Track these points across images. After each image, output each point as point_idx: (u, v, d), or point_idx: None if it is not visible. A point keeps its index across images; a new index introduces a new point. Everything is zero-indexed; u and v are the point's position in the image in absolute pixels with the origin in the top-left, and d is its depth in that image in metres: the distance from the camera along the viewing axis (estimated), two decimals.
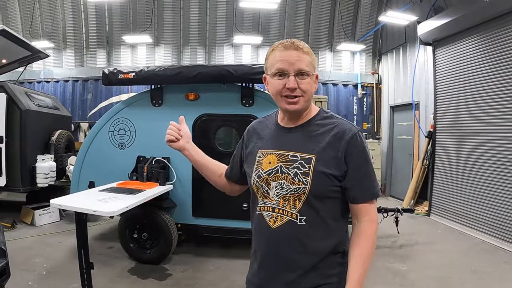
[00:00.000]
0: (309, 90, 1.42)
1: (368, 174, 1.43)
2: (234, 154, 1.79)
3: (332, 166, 1.38)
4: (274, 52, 1.44)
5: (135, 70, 4.79)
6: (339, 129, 1.43)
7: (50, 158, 6.31)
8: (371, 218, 1.42)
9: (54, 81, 11.09)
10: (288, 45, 1.41)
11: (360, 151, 1.41)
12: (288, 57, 1.39)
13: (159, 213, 4.47)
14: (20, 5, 10.88)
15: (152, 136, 4.82)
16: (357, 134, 1.42)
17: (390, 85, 10.47)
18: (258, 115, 4.54)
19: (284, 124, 1.53)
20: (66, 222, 6.21)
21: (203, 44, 11.31)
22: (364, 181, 1.41)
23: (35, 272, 4.11)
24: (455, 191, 6.60)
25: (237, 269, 4.41)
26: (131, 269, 4.36)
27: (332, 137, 1.42)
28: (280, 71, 1.40)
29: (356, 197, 1.41)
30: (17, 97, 6.11)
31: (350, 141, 1.40)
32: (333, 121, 1.47)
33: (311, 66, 1.42)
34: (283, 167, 1.43)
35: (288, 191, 1.40)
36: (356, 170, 1.40)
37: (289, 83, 1.38)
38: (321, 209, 1.39)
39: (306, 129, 1.48)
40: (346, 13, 11.01)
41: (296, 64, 1.38)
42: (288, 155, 1.44)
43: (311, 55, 1.43)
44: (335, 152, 1.39)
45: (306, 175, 1.38)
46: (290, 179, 1.40)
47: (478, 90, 6.08)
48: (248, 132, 1.69)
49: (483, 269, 4.52)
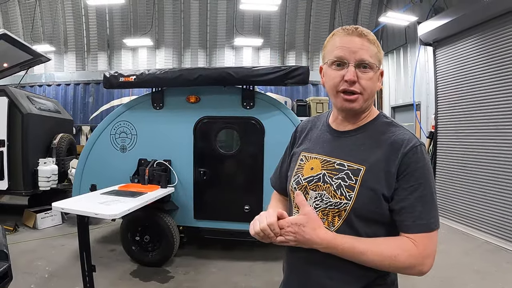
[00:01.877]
0: (371, 88, 1.21)
1: (424, 198, 1.13)
2: (281, 162, 1.54)
3: (383, 182, 1.14)
4: (333, 37, 1.24)
5: (136, 73, 4.80)
6: (397, 138, 1.19)
7: (52, 162, 6.32)
8: (417, 254, 1.11)
9: (55, 84, 11.14)
10: (351, 31, 1.20)
11: (419, 167, 1.14)
12: (349, 44, 1.18)
13: (161, 215, 4.47)
14: (21, 9, 10.94)
15: (153, 139, 4.83)
16: (418, 146, 1.16)
17: (391, 86, 10.48)
18: (259, 117, 4.56)
19: (336, 126, 1.32)
20: (68, 225, 6.21)
21: (203, 46, 11.34)
22: (418, 206, 1.12)
23: (38, 275, 4.11)
24: (457, 191, 6.58)
25: (239, 271, 4.41)
26: (133, 271, 4.36)
27: (388, 147, 1.18)
28: (338, 60, 1.19)
29: (403, 224, 1.15)
30: (18, 101, 6.13)
31: (408, 153, 1.15)
32: (393, 129, 1.23)
33: (375, 59, 1.20)
34: (326, 176, 1.23)
35: (327, 204, 1.20)
36: (409, 190, 1.13)
37: (348, 75, 1.16)
38: (364, 233, 1.16)
39: (361, 135, 1.25)
40: (346, 14, 11.03)
41: (358, 53, 1.17)
42: (335, 163, 1.23)
43: (377, 45, 1.22)
44: (387, 166, 1.15)
45: (351, 189, 1.16)
46: (332, 191, 1.20)
47: (479, 90, 6.07)
48: (295, 132, 1.49)
49: (486, 270, 4.50)
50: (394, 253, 1.11)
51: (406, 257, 1.11)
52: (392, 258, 1.11)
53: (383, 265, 1.13)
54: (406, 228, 1.14)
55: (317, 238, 1.13)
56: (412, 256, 1.11)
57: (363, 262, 1.14)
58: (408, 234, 1.14)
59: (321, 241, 1.13)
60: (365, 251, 1.12)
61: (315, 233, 1.13)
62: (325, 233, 1.15)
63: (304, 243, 1.14)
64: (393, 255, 1.11)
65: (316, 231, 1.14)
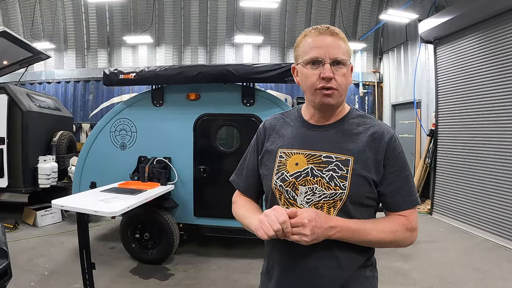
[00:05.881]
0: (345, 83, 1.26)
1: (407, 180, 1.29)
2: (246, 162, 1.53)
3: (372, 169, 1.24)
4: (306, 38, 1.28)
5: (136, 70, 4.79)
6: (376, 129, 1.29)
7: (52, 159, 6.32)
8: (411, 227, 1.28)
9: (55, 82, 11.13)
10: (323, 30, 1.25)
11: (399, 153, 1.28)
12: (322, 43, 1.23)
13: (161, 213, 4.47)
14: (21, 6, 10.91)
15: (153, 136, 4.83)
16: (394, 135, 1.29)
17: (392, 84, 10.46)
18: (259, 115, 4.55)
19: (314, 122, 1.36)
20: (68, 223, 6.22)
21: (204, 44, 11.31)
22: (404, 187, 1.27)
23: (37, 273, 4.12)
24: (457, 189, 6.58)
25: (239, 268, 4.42)
26: (133, 269, 4.36)
27: (369, 137, 1.27)
28: (314, 59, 1.24)
29: (395, 204, 1.28)
30: (18, 99, 6.13)
31: (389, 142, 1.27)
32: (368, 121, 1.33)
33: (347, 55, 1.26)
34: (314, 170, 1.26)
35: (321, 197, 1.24)
36: (395, 174, 1.26)
37: (325, 72, 1.21)
38: (357, 218, 1.24)
39: (340, 127, 1.32)
40: (347, 12, 11.00)
41: (332, 52, 1.22)
42: (321, 156, 1.27)
43: (346, 42, 1.28)
44: (374, 154, 1.25)
45: (344, 178, 1.23)
46: (325, 183, 1.24)
47: (480, 88, 6.06)
48: (263, 129, 1.47)
49: (486, 268, 4.50)
50: (394, 229, 1.25)
51: (403, 231, 1.26)
52: (393, 233, 1.24)
53: (385, 240, 1.25)
54: (398, 207, 1.28)
55: (333, 223, 1.18)
56: (408, 229, 1.27)
57: (369, 240, 1.23)
58: (400, 212, 1.28)
59: (336, 224, 1.18)
60: (371, 229, 1.22)
61: (330, 220, 1.19)
62: (336, 217, 1.22)
63: (321, 235, 1.15)
64: (393, 230, 1.25)
65: (329, 218, 1.19)
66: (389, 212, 1.31)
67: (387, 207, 1.30)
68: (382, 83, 11.07)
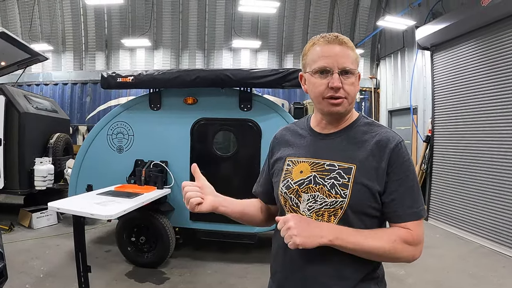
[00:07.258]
0: (353, 92, 1.26)
1: (411, 189, 1.22)
2: (262, 171, 1.57)
3: (374, 178, 1.20)
4: (314, 46, 1.27)
5: (133, 73, 4.80)
6: (382, 137, 1.25)
7: (48, 161, 6.30)
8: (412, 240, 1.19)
9: (53, 84, 11.13)
10: (332, 39, 1.24)
11: (404, 161, 1.22)
12: (331, 52, 1.22)
13: (157, 216, 4.46)
14: (20, 8, 10.91)
15: (150, 140, 4.82)
16: (401, 143, 1.25)
17: (388, 90, 10.52)
18: (256, 120, 4.57)
19: (320, 129, 1.36)
20: (63, 225, 6.19)
21: (201, 48, 11.35)
22: (407, 197, 1.21)
23: (33, 275, 4.09)
24: (453, 195, 6.60)
25: (235, 273, 4.41)
26: (128, 272, 4.35)
27: (374, 145, 1.24)
28: (322, 69, 1.23)
29: (396, 215, 1.22)
30: (15, 100, 6.11)
31: (394, 149, 1.22)
32: (375, 129, 1.30)
33: (355, 64, 1.26)
34: (317, 177, 1.26)
35: (323, 204, 1.23)
36: (398, 183, 1.21)
37: (334, 82, 1.20)
38: (359, 228, 1.21)
39: (345, 136, 1.30)
40: (344, 18, 11.08)
41: (341, 61, 1.22)
42: (324, 164, 1.27)
43: (354, 51, 1.27)
44: (377, 163, 1.22)
45: (345, 186, 1.20)
46: (326, 191, 1.23)
47: (476, 95, 6.10)
48: (274, 139, 1.51)
49: (481, 273, 4.52)
50: (392, 239, 1.17)
51: (402, 244, 1.18)
52: (391, 243, 1.17)
53: (383, 252, 1.17)
54: (399, 218, 1.21)
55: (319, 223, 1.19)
56: (407, 242, 1.18)
57: (364, 250, 1.17)
58: (400, 223, 1.21)
59: (328, 230, 1.15)
60: (367, 236, 1.17)
61: (319, 225, 1.18)
62: (327, 223, 1.21)
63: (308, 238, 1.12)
64: (391, 240, 1.17)
65: (319, 223, 1.19)
66: (392, 224, 1.25)
67: (389, 218, 1.25)
68: (379, 89, 11.13)
